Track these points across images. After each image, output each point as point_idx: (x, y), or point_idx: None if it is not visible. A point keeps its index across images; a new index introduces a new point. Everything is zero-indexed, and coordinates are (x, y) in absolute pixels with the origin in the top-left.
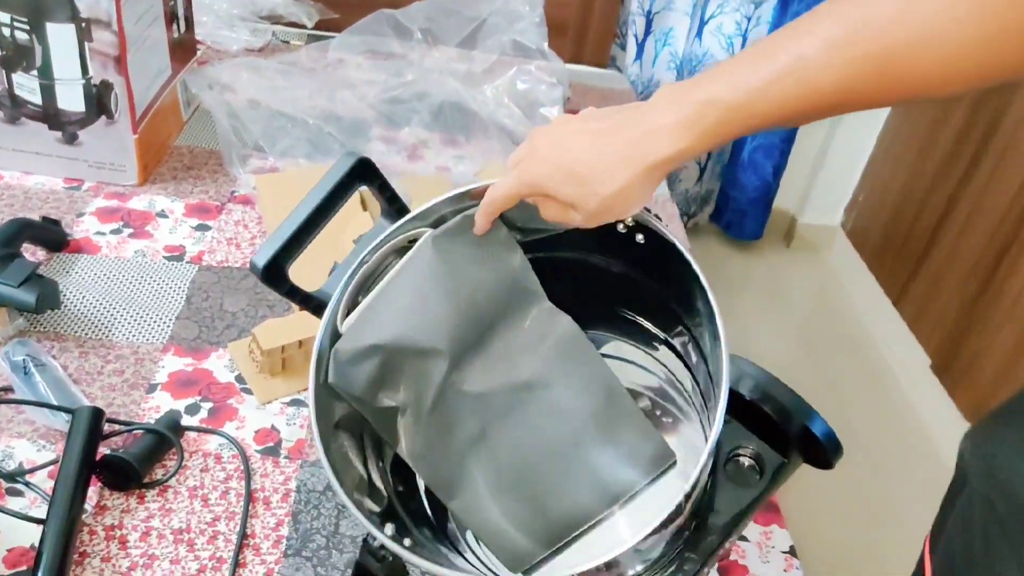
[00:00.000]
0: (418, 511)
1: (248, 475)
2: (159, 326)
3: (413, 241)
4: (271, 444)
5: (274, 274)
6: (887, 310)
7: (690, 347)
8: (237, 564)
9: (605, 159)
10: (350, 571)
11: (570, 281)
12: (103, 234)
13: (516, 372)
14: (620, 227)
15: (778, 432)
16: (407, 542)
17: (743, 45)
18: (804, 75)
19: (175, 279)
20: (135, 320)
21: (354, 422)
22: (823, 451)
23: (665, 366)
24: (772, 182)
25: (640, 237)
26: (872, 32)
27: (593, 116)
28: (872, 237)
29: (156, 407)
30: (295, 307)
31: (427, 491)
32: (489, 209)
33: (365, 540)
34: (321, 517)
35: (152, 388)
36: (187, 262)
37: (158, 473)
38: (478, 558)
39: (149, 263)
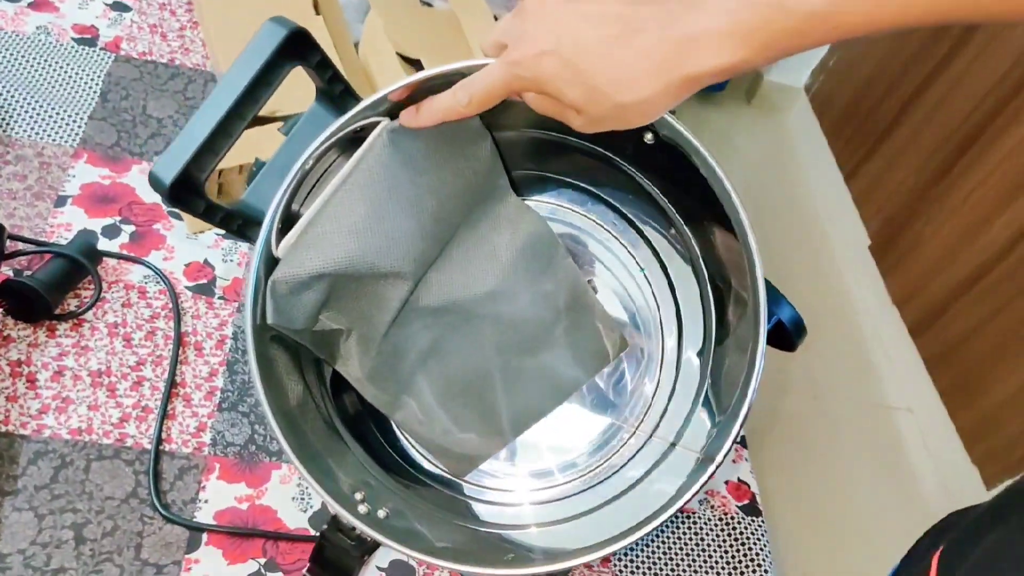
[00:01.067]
0: (354, 416)
1: (178, 315)
2: (68, 125)
3: (359, 132)
4: (204, 281)
5: (185, 191)
6: (837, 183)
7: (671, 239)
8: (165, 415)
9: (631, 64)
10: None
11: (531, 155)
12: None
13: (478, 283)
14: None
15: None
16: (381, 513)
17: None
18: None
19: (87, 68)
20: (38, 113)
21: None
22: (788, 336)
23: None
24: None
25: (649, 136)
26: None
27: None
28: (836, 105)
29: (67, 224)
30: None
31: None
32: (467, 108)
33: (335, 517)
34: None
35: (61, 201)
36: (101, 48)
37: (71, 304)
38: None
39: (55, 44)
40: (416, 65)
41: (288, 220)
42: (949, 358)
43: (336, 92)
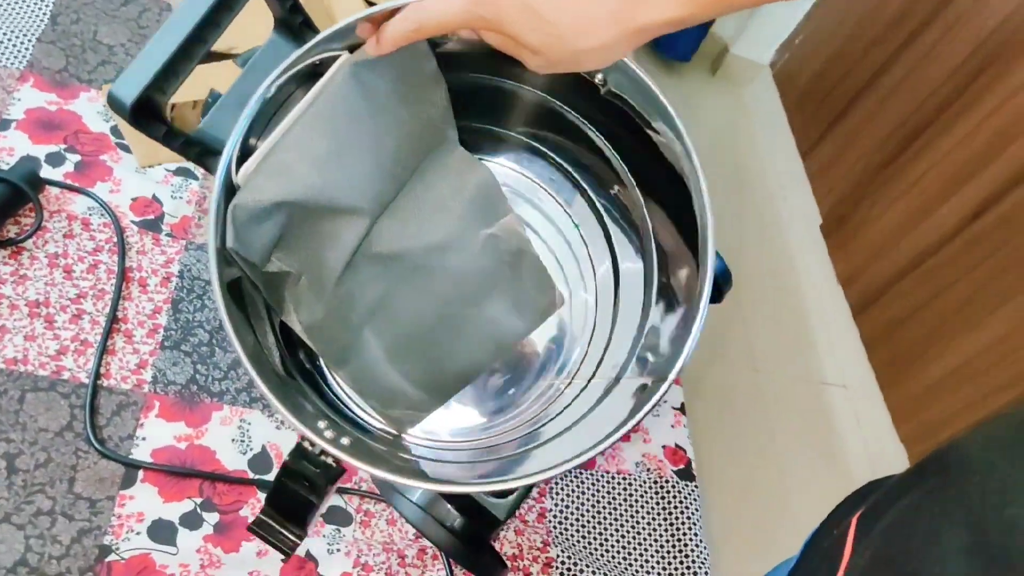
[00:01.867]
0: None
1: (123, 249)
2: (15, 46)
3: (317, 67)
4: (151, 217)
5: (146, 114)
6: (793, 160)
7: (615, 195)
8: (105, 350)
9: (589, 12)
10: (233, 373)
11: (477, 107)
12: None
13: (429, 233)
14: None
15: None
16: (346, 440)
17: None
18: None
19: None
20: None
21: (236, 285)
22: (716, 286)
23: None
24: None
25: (599, 77)
26: None
27: None
28: (797, 83)
29: (9, 149)
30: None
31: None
32: (416, 33)
33: (299, 445)
34: (205, 309)
35: (5, 124)
36: None
37: (10, 231)
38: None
39: None
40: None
41: (246, 153)
42: (886, 339)
43: (296, 23)
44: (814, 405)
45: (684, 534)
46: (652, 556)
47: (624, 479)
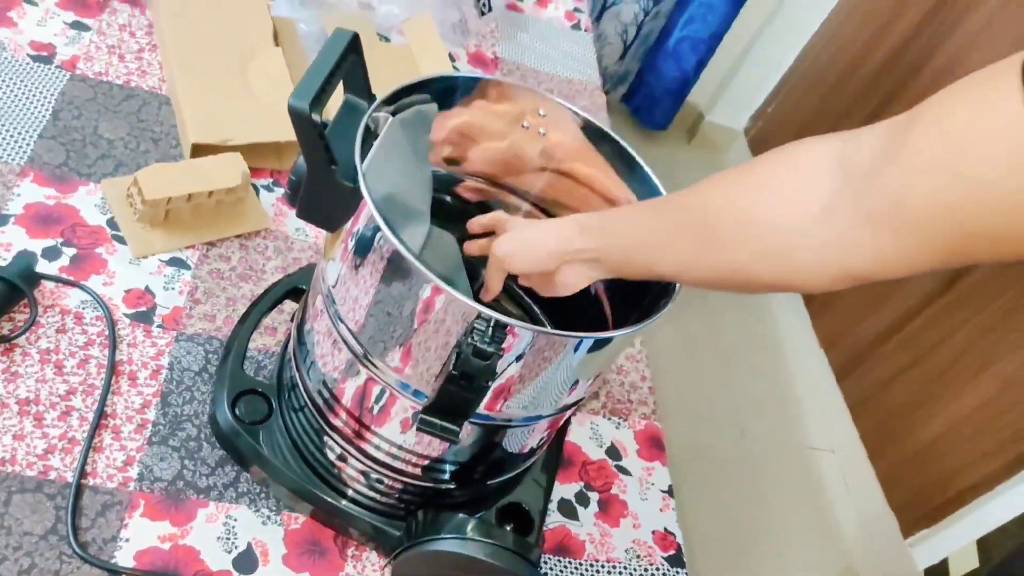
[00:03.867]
0: None
1: (113, 343)
2: (17, 142)
3: (368, 128)
4: (143, 309)
5: (313, 114)
6: None
7: None
8: (91, 447)
9: (540, 253)
10: (220, 469)
11: None
12: None
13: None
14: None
15: None
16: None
17: (636, 34)
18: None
19: (41, 85)
20: None
21: None
22: None
23: None
24: (692, 76)
25: None
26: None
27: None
28: (771, 149)
29: (7, 244)
30: (184, 148)
31: None
32: (503, 273)
33: (470, 344)
34: (194, 402)
35: (3, 220)
36: (57, 66)
37: (4, 328)
38: None
39: (10, 59)
40: (371, 100)
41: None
42: (871, 404)
43: (364, 89)
44: (802, 470)
45: None
46: None
47: (614, 567)
